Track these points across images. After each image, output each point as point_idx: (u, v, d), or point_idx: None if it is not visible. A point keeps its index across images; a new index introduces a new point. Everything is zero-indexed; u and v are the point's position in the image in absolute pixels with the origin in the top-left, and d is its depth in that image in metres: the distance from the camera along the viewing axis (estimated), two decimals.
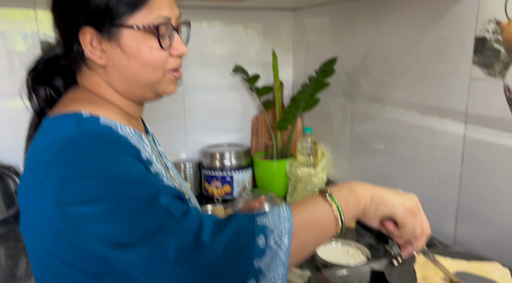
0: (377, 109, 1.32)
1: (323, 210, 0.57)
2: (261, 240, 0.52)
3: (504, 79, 0.88)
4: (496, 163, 0.92)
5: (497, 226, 0.93)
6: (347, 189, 0.60)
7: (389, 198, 0.60)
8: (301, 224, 0.55)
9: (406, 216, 0.60)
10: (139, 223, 0.52)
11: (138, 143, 0.67)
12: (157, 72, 0.67)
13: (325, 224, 0.57)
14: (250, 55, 1.78)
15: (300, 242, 0.54)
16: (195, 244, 0.51)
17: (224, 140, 1.80)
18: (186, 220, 0.53)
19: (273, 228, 0.53)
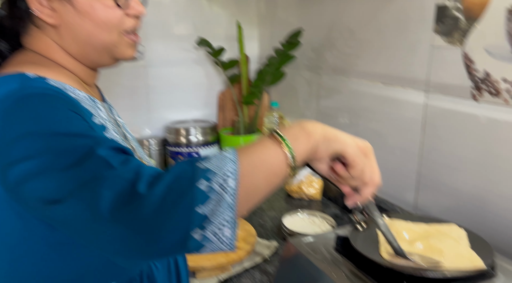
0: (342, 82, 1.32)
1: (272, 149, 0.53)
2: (204, 184, 0.47)
3: (463, 47, 0.90)
4: (455, 130, 0.94)
5: (455, 191, 0.96)
6: (298, 126, 0.57)
7: (341, 135, 0.58)
8: (248, 165, 0.50)
9: (357, 155, 0.58)
10: (72, 176, 0.48)
11: (91, 107, 0.64)
12: (113, 33, 0.63)
13: (275, 164, 0.53)
14: (215, 28, 1.73)
15: (249, 184, 0.50)
16: (130, 195, 0.46)
17: (189, 117, 1.77)
18: (122, 169, 0.48)
19: (217, 170, 0.48)
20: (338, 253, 0.78)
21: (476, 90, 0.88)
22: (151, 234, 0.47)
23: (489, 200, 0.88)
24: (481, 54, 0.86)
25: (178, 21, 1.67)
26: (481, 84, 0.87)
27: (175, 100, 1.73)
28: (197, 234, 0.47)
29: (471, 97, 0.89)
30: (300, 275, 0.78)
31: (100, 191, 0.47)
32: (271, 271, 0.98)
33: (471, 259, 0.68)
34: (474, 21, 0.87)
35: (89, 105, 0.64)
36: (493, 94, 0.85)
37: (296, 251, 0.81)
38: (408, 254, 0.69)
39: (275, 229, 1.19)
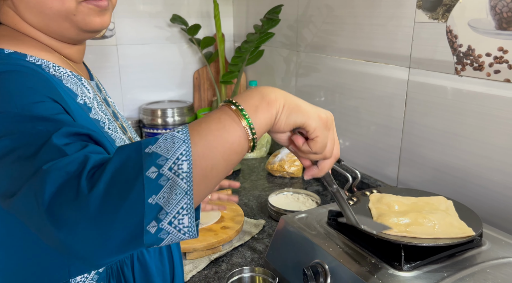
0: (322, 59, 1.32)
1: (229, 123, 0.47)
2: (153, 171, 0.42)
3: (447, 22, 0.91)
4: (438, 104, 0.96)
5: (437, 164, 0.99)
6: (257, 94, 0.50)
7: (303, 105, 0.52)
8: (202, 144, 0.45)
9: (319, 127, 0.52)
10: (25, 167, 0.44)
11: (75, 86, 0.60)
12: (67, 2, 0.56)
13: (233, 140, 0.47)
14: (188, 5, 1.67)
15: (206, 165, 0.45)
16: (71, 190, 0.41)
17: (164, 97, 1.72)
18: (69, 160, 0.43)
19: (167, 154, 0.42)
20: (331, 227, 0.79)
21: (459, 65, 0.90)
22: (96, 234, 0.41)
23: (470, 171, 0.92)
24: (464, 29, 0.87)
25: None
26: (464, 59, 0.89)
27: (148, 80, 1.68)
28: (153, 227, 0.42)
29: (454, 71, 0.91)
30: (294, 250, 0.79)
31: (44, 184, 0.42)
32: (260, 248, 0.98)
33: (461, 228, 0.70)
34: None
35: (74, 83, 0.60)
36: (476, 69, 0.87)
37: (290, 227, 0.81)
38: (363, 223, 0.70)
39: (261, 208, 1.19)
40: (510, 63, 0.80)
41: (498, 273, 0.64)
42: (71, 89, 0.59)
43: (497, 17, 0.81)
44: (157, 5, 1.62)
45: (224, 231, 0.99)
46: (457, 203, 0.79)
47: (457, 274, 0.64)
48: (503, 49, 0.81)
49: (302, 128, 0.53)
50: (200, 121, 0.47)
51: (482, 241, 0.72)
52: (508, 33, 0.80)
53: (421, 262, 0.66)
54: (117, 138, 0.65)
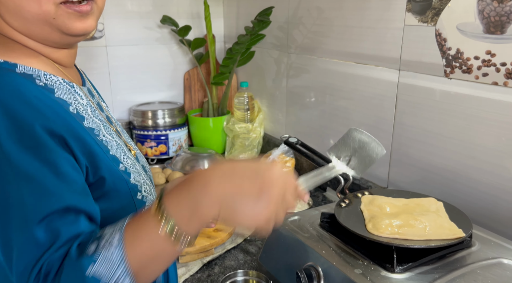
0: (312, 61, 1.33)
1: (160, 240, 0.49)
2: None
3: (436, 25, 0.92)
4: (427, 106, 0.98)
5: (427, 165, 1.00)
6: (190, 201, 0.49)
7: (238, 217, 0.49)
8: (138, 263, 0.48)
9: (257, 232, 0.51)
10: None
11: (68, 94, 0.59)
12: (45, 4, 0.54)
13: (165, 253, 0.50)
14: (178, 5, 1.66)
15: (144, 276, 0.50)
16: None
17: (154, 98, 1.71)
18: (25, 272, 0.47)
19: (107, 277, 0.47)
20: (324, 230, 0.80)
21: (448, 68, 0.91)
22: None
23: (459, 172, 0.93)
24: (453, 33, 0.89)
25: None
26: (453, 62, 0.90)
27: (138, 81, 1.67)
28: None
29: (443, 74, 0.93)
30: (287, 253, 0.79)
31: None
32: (253, 250, 0.99)
33: (452, 229, 0.71)
34: (447, 0, 0.89)
35: (66, 91, 0.59)
36: (464, 72, 0.88)
37: (282, 229, 0.82)
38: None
39: None
40: (498, 67, 0.82)
41: (488, 273, 0.65)
42: (63, 98, 0.58)
43: (485, 21, 0.83)
44: (147, 6, 1.61)
45: (217, 234, 0.99)
46: (447, 204, 0.81)
47: (448, 275, 0.65)
48: (491, 53, 0.83)
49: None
50: (134, 234, 0.49)
51: (472, 242, 0.73)
52: (496, 37, 0.81)
53: (413, 264, 0.67)
54: (112, 145, 0.64)
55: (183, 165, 1.44)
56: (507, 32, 0.79)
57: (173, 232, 0.48)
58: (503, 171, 0.85)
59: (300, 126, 1.45)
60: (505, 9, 0.79)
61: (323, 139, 1.33)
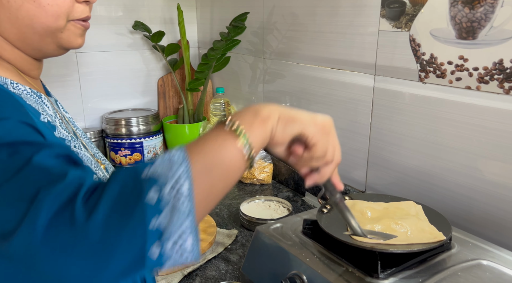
0: (288, 66, 1.33)
1: (225, 142, 0.47)
2: (153, 196, 0.41)
3: (410, 31, 0.94)
4: (403, 110, 0.99)
5: (403, 168, 1.02)
6: (251, 112, 0.51)
7: (298, 115, 0.53)
8: (201, 165, 0.45)
9: (317, 133, 0.53)
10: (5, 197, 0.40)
11: (37, 104, 0.57)
12: (60, 20, 0.56)
13: (230, 159, 0.47)
14: (150, 11, 1.63)
15: (205, 184, 0.45)
16: (69, 217, 0.39)
17: (127, 106, 1.67)
18: (61, 185, 0.41)
19: (165, 176, 0.42)
20: (307, 237, 0.79)
21: (422, 72, 0.93)
22: (97, 261, 0.39)
23: (435, 174, 0.95)
24: (427, 38, 0.91)
25: (111, 4, 1.55)
26: (427, 67, 0.92)
27: (110, 88, 1.62)
28: (155, 253, 0.40)
29: (417, 79, 0.94)
30: (270, 261, 0.78)
31: (37, 214, 0.39)
32: (234, 259, 0.97)
33: (432, 233, 0.72)
34: (420, 6, 0.91)
35: (34, 101, 0.57)
36: (438, 76, 0.90)
37: (265, 238, 0.80)
38: (368, 233, 0.71)
39: (232, 217, 1.18)
40: (471, 71, 0.84)
41: (468, 275, 0.66)
42: (33, 107, 0.56)
43: (457, 27, 0.85)
44: (117, 12, 1.57)
45: None
46: (426, 207, 0.82)
47: (431, 279, 0.65)
48: (463, 58, 0.85)
49: (301, 137, 0.53)
50: (196, 143, 0.47)
51: (452, 244, 0.75)
52: (468, 42, 0.84)
53: (396, 269, 0.67)
54: (83, 156, 0.62)
55: None
56: (479, 37, 0.82)
57: (238, 130, 0.48)
58: (476, 172, 0.87)
59: None
60: (476, 15, 0.81)
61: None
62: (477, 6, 0.81)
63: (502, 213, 0.84)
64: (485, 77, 0.82)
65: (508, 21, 0.77)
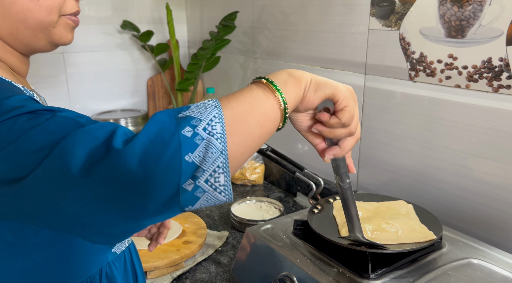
0: (279, 66, 1.32)
1: (259, 92, 0.50)
2: (188, 131, 0.43)
3: (399, 30, 0.94)
4: (393, 109, 0.99)
5: (395, 167, 1.02)
6: (284, 72, 0.54)
7: (329, 80, 0.55)
8: (237, 108, 0.47)
9: (347, 96, 0.55)
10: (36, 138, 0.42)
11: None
12: (53, 14, 0.56)
13: (266, 106, 0.49)
14: (138, 10, 1.61)
15: (242, 128, 0.47)
16: (106, 150, 0.41)
17: (116, 106, 1.65)
18: (93, 126, 0.43)
19: (199, 116, 0.44)
20: (297, 237, 0.78)
21: (412, 71, 0.93)
22: (135, 191, 0.41)
23: (425, 173, 0.95)
24: (416, 37, 0.90)
25: (100, 3, 1.53)
26: (417, 66, 0.91)
27: (99, 89, 1.60)
28: (190, 185, 0.42)
29: (408, 77, 0.94)
30: (261, 263, 0.77)
31: (70, 150, 0.41)
32: (225, 261, 0.96)
33: (423, 232, 0.72)
34: (409, 5, 0.91)
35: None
36: (428, 75, 0.90)
37: (255, 239, 0.79)
38: (364, 231, 0.70)
39: (223, 219, 1.17)
40: (460, 70, 0.84)
41: (459, 274, 0.66)
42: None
43: (446, 25, 0.85)
44: (105, 11, 1.55)
45: (187, 246, 0.95)
46: (416, 206, 0.81)
47: (421, 278, 0.65)
48: (453, 56, 0.85)
49: (332, 97, 0.54)
50: (231, 94, 0.49)
51: (442, 243, 0.74)
52: (457, 41, 0.83)
53: (387, 269, 0.67)
54: None
55: None
56: (468, 36, 0.82)
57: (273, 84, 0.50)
58: (467, 171, 0.87)
59: None
60: (465, 13, 0.81)
61: (292, 144, 1.32)
62: (465, 4, 0.81)
63: (493, 212, 0.84)
64: (474, 75, 0.82)
65: (497, 20, 0.77)
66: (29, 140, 0.42)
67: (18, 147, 0.42)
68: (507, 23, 0.75)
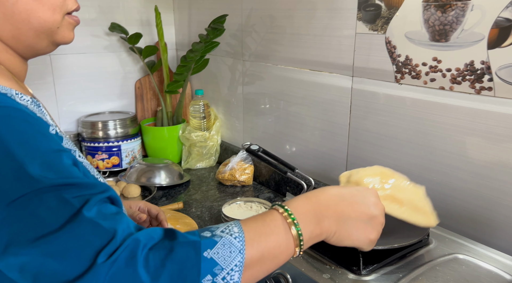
0: (267, 68, 1.34)
1: (284, 242, 0.51)
2: (208, 279, 0.45)
3: (385, 33, 0.96)
4: (380, 111, 1.02)
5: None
6: (315, 218, 0.55)
7: (355, 234, 0.58)
8: (256, 257, 0.49)
9: (370, 246, 0.60)
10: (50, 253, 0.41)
11: (41, 114, 0.54)
12: (57, 13, 0.56)
13: (282, 256, 0.52)
14: (125, 13, 1.61)
15: (252, 275, 0.49)
16: (133, 278, 0.42)
17: (104, 109, 1.64)
18: (116, 244, 0.43)
19: (223, 264, 0.46)
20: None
21: (398, 74, 0.96)
22: None
23: (412, 173, 0.98)
24: (402, 40, 0.93)
25: (87, 5, 1.52)
26: (403, 68, 0.94)
27: (86, 91, 1.59)
28: None
29: (394, 80, 0.97)
30: None
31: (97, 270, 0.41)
32: None
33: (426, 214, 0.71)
34: (395, 9, 0.94)
35: (39, 112, 0.54)
36: (414, 77, 0.93)
37: None
38: None
39: (214, 219, 1.18)
40: (444, 72, 0.87)
41: (446, 269, 0.69)
42: (42, 119, 0.52)
43: (430, 29, 0.88)
44: (92, 13, 1.55)
45: None
46: None
47: (411, 274, 0.67)
48: (437, 59, 0.88)
49: None
50: (259, 229, 0.51)
51: (429, 240, 0.77)
52: (441, 45, 0.87)
53: (378, 265, 0.69)
54: (87, 165, 0.60)
55: (138, 176, 1.39)
56: (451, 40, 0.85)
57: (299, 236, 0.52)
58: (452, 169, 0.90)
59: (257, 133, 1.45)
60: (448, 18, 0.84)
61: (281, 144, 1.34)
62: (448, 10, 0.84)
63: (478, 209, 0.87)
64: (457, 78, 0.85)
65: (478, 25, 0.80)
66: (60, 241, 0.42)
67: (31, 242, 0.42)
68: (488, 27, 0.79)
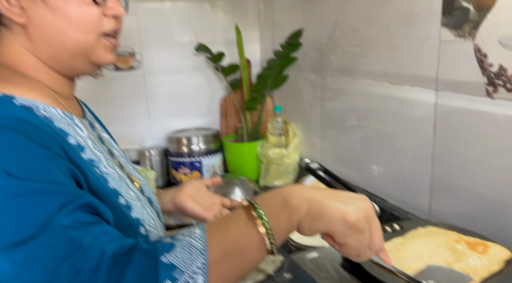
0: (347, 83, 1.26)
1: (247, 232, 0.48)
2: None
3: (474, 40, 0.83)
4: (469, 129, 0.87)
5: (472, 196, 0.89)
6: (279, 199, 0.50)
7: (327, 211, 0.49)
8: (219, 254, 0.46)
9: (346, 234, 0.49)
10: (21, 259, 0.43)
11: (67, 125, 0.58)
12: (90, 34, 0.58)
13: (250, 249, 0.48)
14: (215, 33, 1.68)
15: (219, 275, 0.46)
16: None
17: (191, 125, 1.72)
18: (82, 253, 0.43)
19: (183, 267, 0.44)
20: (345, 270, 0.72)
21: (490, 86, 0.81)
22: None
23: (509, 204, 0.81)
24: (494, 47, 0.79)
25: (178, 28, 1.63)
26: (496, 80, 0.79)
27: (176, 108, 1.69)
28: None
29: (485, 94, 0.82)
30: None
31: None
32: None
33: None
34: (485, 11, 0.80)
35: (65, 123, 0.59)
36: (510, 90, 0.77)
37: (299, 268, 0.75)
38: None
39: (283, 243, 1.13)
40: None
41: None
42: (62, 129, 0.57)
43: None
44: (185, 36, 1.64)
45: None
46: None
47: None
48: None
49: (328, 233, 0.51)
50: (220, 225, 0.49)
51: None
52: None
53: None
54: (113, 177, 0.62)
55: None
56: None
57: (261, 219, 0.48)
58: None
59: (337, 151, 1.37)
60: None
61: (363, 164, 1.24)
62: None
63: None
64: None
65: None
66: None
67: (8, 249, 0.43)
68: None
